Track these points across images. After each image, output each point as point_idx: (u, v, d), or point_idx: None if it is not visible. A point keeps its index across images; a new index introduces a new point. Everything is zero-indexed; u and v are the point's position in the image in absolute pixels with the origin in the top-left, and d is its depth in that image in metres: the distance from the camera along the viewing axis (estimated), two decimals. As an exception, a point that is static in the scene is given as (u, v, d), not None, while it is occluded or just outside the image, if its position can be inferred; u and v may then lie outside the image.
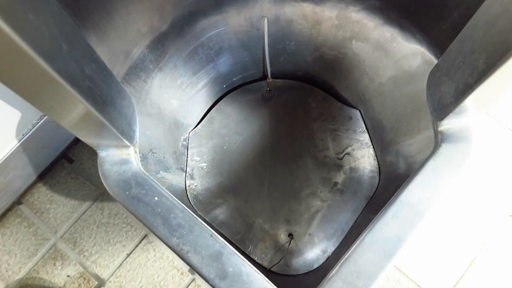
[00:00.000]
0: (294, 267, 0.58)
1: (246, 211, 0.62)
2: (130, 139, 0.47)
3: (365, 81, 0.62)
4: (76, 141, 0.80)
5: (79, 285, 0.72)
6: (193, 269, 0.44)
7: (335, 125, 0.65)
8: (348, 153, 0.63)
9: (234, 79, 0.67)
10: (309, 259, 0.59)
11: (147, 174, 0.47)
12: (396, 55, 0.57)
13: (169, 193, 0.46)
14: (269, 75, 0.68)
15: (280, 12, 0.60)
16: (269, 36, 0.63)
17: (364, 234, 0.44)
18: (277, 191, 0.62)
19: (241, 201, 0.62)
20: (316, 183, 0.63)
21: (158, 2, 0.50)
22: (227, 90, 0.68)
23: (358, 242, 0.44)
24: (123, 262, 0.73)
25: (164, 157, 0.59)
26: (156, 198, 0.46)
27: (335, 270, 0.44)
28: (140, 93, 0.56)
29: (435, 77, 0.47)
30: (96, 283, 0.72)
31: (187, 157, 0.64)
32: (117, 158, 0.48)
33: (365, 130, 0.64)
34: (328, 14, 0.59)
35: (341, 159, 0.63)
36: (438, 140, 0.48)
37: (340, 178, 0.63)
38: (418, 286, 0.69)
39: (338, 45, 0.62)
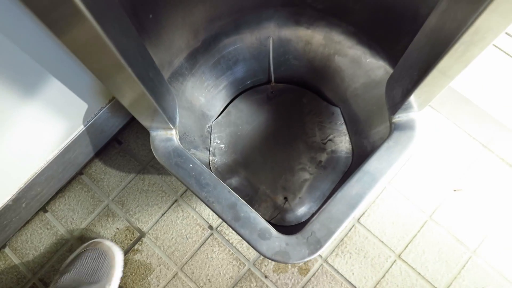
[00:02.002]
0: (288, 220, 0.70)
1: (253, 180, 0.74)
2: (173, 123, 0.59)
3: (344, 86, 0.73)
4: (124, 127, 0.91)
5: (126, 235, 0.84)
6: (216, 214, 0.56)
7: (321, 119, 0.77)
8: (330, 140, 0.75)
9: (247, 82, 0.78)
10: (299, 215, 0.70)
11: (184, 149, 0.59)
12: (366, 67, 0.68)
13: (199, 162, 0.58)
14: (273, 80, 0.79)
15: (282, 34, 0.72)
16: (273, 51, 0.75)
17: (336, 193, 0.56)
18: (277, 166, 0.74)
19: (249, 173, 0.74)
20: (305, 161, 0.74)
21: (194, 27, 0.62)
22: (241, 91, 0.80)
23: (332, 198, 0.56)
24: (159, 219, 0.85)
25: (194, 139, 0.71)
26: (190, 165, 0.58)
27: (315, 217, 0.55)
28: (178, 91, 0.68)
29: (389, 84, 0.58)
30: (138, 234, 0.84)
31: (210, 140, 0.76)
32: (164, 136, 0.60)
33: (343, 123, 0.76)
34: (317, 36, 0.70)
35: (325, 144, 0.75)
36: (391, 129, 0.59)
37: (323, 157, 0.74)
38: (382, 242, 0.81)
39: (324, 59, 0.73)
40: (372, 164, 0.56)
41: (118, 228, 0.84)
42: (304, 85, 0.79)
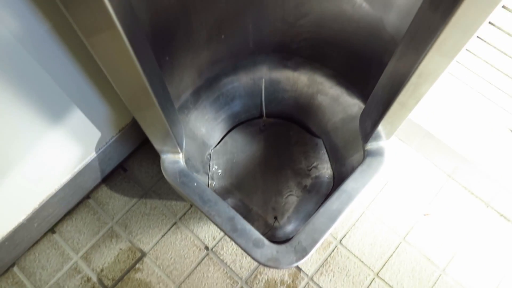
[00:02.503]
0: (277, 236, 0.78)
1: (246, 201, 0.83)
2: (181, 148, 0.69)
3: (325, 120, 0.84)
4: (129, 156, 1.00)
5: (128, 255, 0.90)
6: (216, 225, 0.64)
7: (306, 149, 0.87)
8: (314, 167, 0.85)
9: (242, 117, 0.89)
10: (287, 232, 0.79)
11: (189, 170, 0.68)
12: (344, 104, 0.80)
13: (202, 182, 0.67)
14: (264, 115, 0.90)
15: (272, 76, 0.84)
16: (265, 90, 0.86)
17: (319, 208, 0.65)
18: (267, 189, 0.83)
19: (243, 195, 0.83)
20: (293, 185, 0.84)
21: (200, 68, 0.74)
22: (237, 124, 0.90)
23: (315, 213, 0.65)
24: (159, 240, 0.92)
25: (196, 164, 0.80)
26: (195, 184, 0.67)
27: (301, 228, 0.64)
28: (183, 122, 0.78)
29: (362, 117, 0.70)
30: (140, 254, 0.90)
31: (209, 166, 0.85)
32: (172, 159, 0.69)
33: (325, 152, 0.86)
34: (302, 77, 0.82)
35: (310, 170, 0.85)
36: (365, 155, 0.69)
37: (308, 182, 0.84)
38: (361, 261, 0.89)
39: (308, 97, 0.85)
40: (349, 185, 0.66)
41: (121, 249, 0.91)
42: (291, 119, 0.90)
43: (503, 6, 0.66)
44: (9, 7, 0.51)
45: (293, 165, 0.86)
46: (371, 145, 0.69)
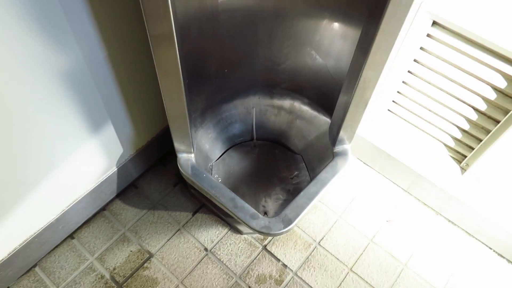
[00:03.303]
0: (267, 226, 0.96)
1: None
2: (193, 149, 0.89)
3: (303, 140, 1.08)
4: (140, 176, 1.19)
5: (137, 256, 1.05)
6: (221, 204, 0.83)
7: (289, 163, 1.09)
8: (296, 175, 1.06)
9: (238, 139, 1.12)
10: (275, 222, 0.97)
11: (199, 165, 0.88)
12: (317, 124, 1.04)
13: (209, 174, 0.87)
14: (255, 138, 1.13)
15: (262, 105, 1.08)
16: (255, 117, 1.10)
17: (301, 192, 0.85)
18: (258, 193, 1.02)
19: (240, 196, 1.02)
20: (279, 190, 1.04)
21: (207, 94, 0.98)
22: (233, 144, 1.12)
23: (298, 194, 0.85)
24: (165, 244, 1.07)
25: (201, 170, 1.00)
26: (204, 175, 0.87)
27: (287, 206, 0.83)
28: (193, 137, 1.00)
29: (330, 127, 0.93)
30: (148, 255, 1.05)
31: (211, 173, 1.05)
32: (186, 157, 0.89)
33: (304, 164, 1.08)
34: (285, 105, 1.07)
35: (292, 178, 1.06)
36: (333, 156, 0.92)
37: (291, 187, 1.04)
38: (337, 259, 1.06)
39: (289, 123, 1.09)
40: (322, 175, 0.88)
41: (131, 251, 1.05)
42: (276, 141, 1.13)
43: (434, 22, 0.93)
44: (85, 35, 0.75)
45: (278, 175, 1.07)
46: (337, 148, 0.92)
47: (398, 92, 1.00)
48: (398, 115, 1.06)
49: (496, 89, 0.82)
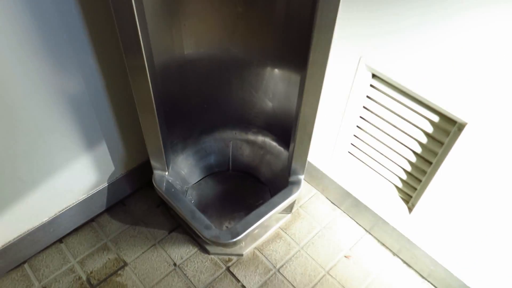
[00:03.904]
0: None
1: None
2: (168, 169, 1.05)
3: (271, 172, 1.21)
4: (129, 195, 1.34)
5: (113, 263, 1.17)
6: (181, 215, 0.96)
7: (257, 192, 1.22)
8: (261, 203, 1.18)
9: (215, 169, 1.27)
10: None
11: (171, 182, 1.04)
12: (282, 158, 1.18)
13: (178, 190, 1.02)
14: (230, 169, 1.28)
15: (238, 140, 1.25)
16: (232, 150, 1.26)
17: (252, 212, 0.98)
18: (225, 215, 1.15)
19: (206, 216, 1.15)
20: (243, 213, 1.16)
21: (188, 125, 1.15)
22: (211, 172, 1.28)
23: (250, 214, 0.97)
24: (139, 255, 1.19)
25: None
26: (172, 190, 1.01)
27: (239, 221, 0.96)
28: (172, 160, 1.16)
29: (287, 161, 1.08)
30: (122, 264, 1.17)
31: (186, 194, 1.20)
32: (161, 174, 1.05)
33: (269, 193, 1.21)
34: (258, 141, 1.23)
35: (257, 205, 1.19)
36: (288, 184, 1.05)
37: (255, 213, 1.17)
38: (293, 286, 1.14)
39: (260, 157, 1.24)
40: (274, 199, 1.01)
41: (109, 258, 1.18)
42: (248, 173, 1.27)
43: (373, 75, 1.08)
44: (88, 67, 0.95)
45: (245, 202, 1.20)
46: (292, 178, 1.06)
47: (354, 135, 1.14)
48: (356, 157, 1.19)
49: (425, 133, 0.95)
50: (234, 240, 0.92)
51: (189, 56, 1.02)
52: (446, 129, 0.89)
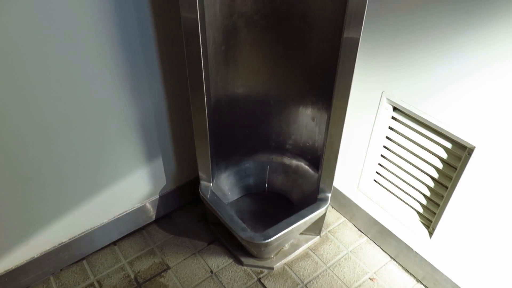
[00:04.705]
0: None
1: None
2: (212, 181, 1.23)
3: (302, 193, 1.35)
4: (175, 210, 1.52)
5: (158, 266, 1.32)
6: (222, 219, 1.12)
7: (290, 213, 1.36)
8: (291, 221, 1.32)
9: (252, 189, 1.43)
10: (265, 249, 1.21)
11: (215, 193, 1.21)
12: (313, 182, 1.33)
13: (220, 199, 1.19)
14: (266, 190, 1.43)
15: (273, 163, 1.41)
16: (268, 173, 1.42)
17: (284, 220, 1.12)
18: (258, 230, 1.29)
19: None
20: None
21: (232, 150, 1.34)
22: (248, 192, 1.43)
23: (280, 222, 1.11)
24: (181, 261, 1.33)
25: (218, 203, 1.32)
26: (215, 198, 1.18)
27: (271, 228, 1.10)
28: (216, 177, 1.34)
29: (317, 181, 1.22)
30: (166, 267, 1.32)
31: (225, 210, 1.35)
32: (207, 185, 1.22)
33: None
34: (292, 165, 1.39)
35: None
36: (316, 201, 1.18)
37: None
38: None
39: (293, 181, 1.39)
40: (302, 212, 1.15)
41: (154, 261, 1.34)
42: (282, 194, 1.42)
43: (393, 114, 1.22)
44: (156, 91, 1.19)
45: (278, 220, 1.33)
46: (320, 195, 1.20)
47: (379, 164, 1.27)
48: (381, 184, 1.31)
49: (441, 159, 1.07)
50: (266, 241, 1.06)
51: (239, 93, 1.24)
52: (458, 154, 1.02)
